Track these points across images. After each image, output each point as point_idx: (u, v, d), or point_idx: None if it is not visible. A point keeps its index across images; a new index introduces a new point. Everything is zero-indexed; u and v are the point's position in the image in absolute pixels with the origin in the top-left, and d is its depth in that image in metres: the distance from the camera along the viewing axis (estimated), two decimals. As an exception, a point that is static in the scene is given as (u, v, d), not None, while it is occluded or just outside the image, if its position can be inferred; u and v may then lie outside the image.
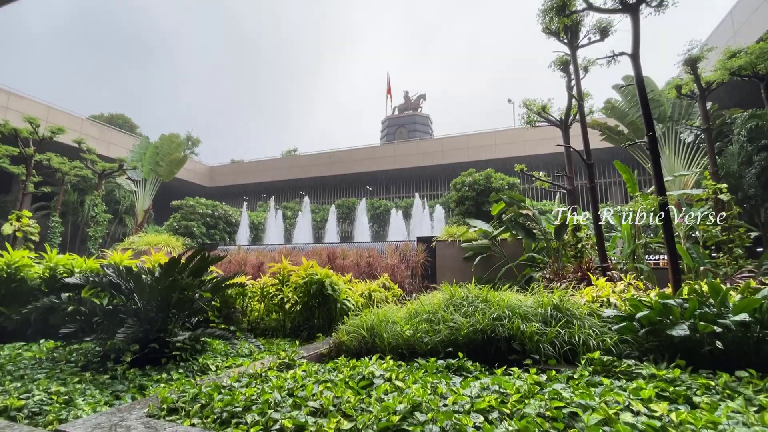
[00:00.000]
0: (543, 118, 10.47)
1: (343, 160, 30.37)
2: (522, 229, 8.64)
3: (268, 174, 32.68)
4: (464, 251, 9.57)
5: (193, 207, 21.00)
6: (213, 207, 21.80)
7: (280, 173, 32.34)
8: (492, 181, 15.35)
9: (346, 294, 5.92)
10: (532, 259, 8.37)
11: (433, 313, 4.28)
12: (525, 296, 4.52)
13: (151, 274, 4.13)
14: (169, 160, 20.82)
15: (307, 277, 5.81)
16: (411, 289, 9.55)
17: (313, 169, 31.14)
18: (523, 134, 24.16)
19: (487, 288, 4.59)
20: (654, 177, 5.36)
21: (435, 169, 28.44)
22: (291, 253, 10.79)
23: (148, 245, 10.89)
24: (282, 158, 36.50)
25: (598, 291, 4.98)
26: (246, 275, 6.56)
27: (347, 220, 28.08)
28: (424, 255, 10.21)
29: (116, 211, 24.16)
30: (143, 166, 20.80)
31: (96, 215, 20.94)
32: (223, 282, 4.54)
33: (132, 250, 8.70)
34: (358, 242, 13.45)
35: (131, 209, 24.06)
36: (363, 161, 29.70)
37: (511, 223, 8.75)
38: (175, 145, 21.31)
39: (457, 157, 26.73)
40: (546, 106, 10.42)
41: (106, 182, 23.35)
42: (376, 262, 9.89)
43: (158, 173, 20.82)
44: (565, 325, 3.90)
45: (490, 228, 9.37)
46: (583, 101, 7.98)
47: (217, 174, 34.59)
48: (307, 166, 31.53)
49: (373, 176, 30.61)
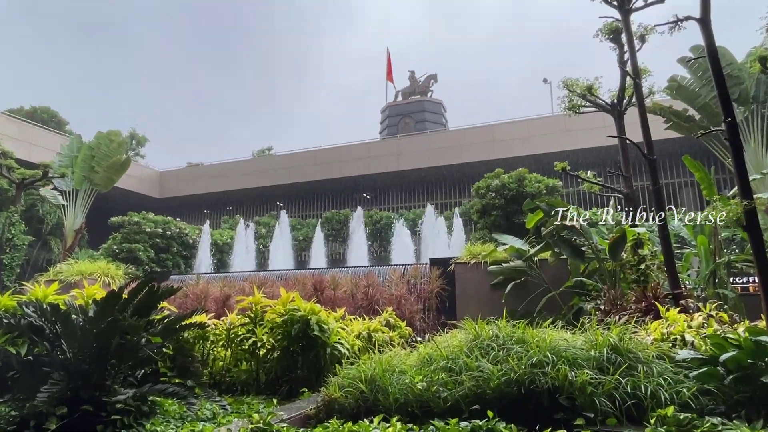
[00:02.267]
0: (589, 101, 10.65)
1: (331, 160, 30.52)
2: (567, 247, 8.68)
3: (236, 180, 32.91)
4: (492, 276, 9.62)
5: (138, 225, 21.09)
6: (164, 224, 21.84)
7: (251, 179, 32.54)
8: (526, 184, 15.55)
9: (339, 335, 5.90)
10: (581, 286, 8.43)
11: (453, 359, 4.26)
12: (573, 335, 4.50)
13: (84, 313, 4.12)
14: (108, 164, 20.99)
15: (287, 314, 5.80)
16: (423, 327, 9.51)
17: (294, 172, 31.33)
18: (565, 123, 24.29)
19: (523, 324, 4.58)
20: (736, 175, 5.37)
21: (451, 170, 28.56)
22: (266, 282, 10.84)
23: (81, 275, 10.87)
24: (253, 160, 36.77)
25: (669, 326, 4.96)
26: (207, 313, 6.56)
27: (338, 238, 28.06)
28: (440, 282, 10.23)
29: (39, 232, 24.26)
30: (74, 173, 20.95)
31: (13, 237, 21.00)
32: (178, 322, 4.53)
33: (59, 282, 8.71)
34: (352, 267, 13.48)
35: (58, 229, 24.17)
36: (357, 161, 29.87)
37: (553, 239, 8.79)
38: (116, 146, 21.51)
39: (479, 154, 26.85)
40: (593, 87, 10.53)
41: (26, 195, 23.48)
42: (377, 293, 9.89)
43: (94, 182, 20.96)
44: (627, 372, 3.87)
45: (525, 246, 9.43)
46: (640, 79, 8.08)
47: (170, 181, 34.78)
48: (285, 168, 31.75)
49: (371, 180, 30.74)
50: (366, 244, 24.55)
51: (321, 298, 9.87)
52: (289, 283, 10.55)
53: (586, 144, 24.08)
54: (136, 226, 21.12)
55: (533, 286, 9.14)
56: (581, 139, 24.17)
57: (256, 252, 25.79)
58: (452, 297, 10.14)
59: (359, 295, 10.10)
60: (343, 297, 10.06)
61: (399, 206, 30.68)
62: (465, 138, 27.82)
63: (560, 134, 24.87)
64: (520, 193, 15.30)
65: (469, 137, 27.76)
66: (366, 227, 25.72)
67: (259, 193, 33.44)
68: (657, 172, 7.42)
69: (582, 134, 24.02)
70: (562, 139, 24.73)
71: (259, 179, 32.23)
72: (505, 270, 9.37)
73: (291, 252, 26.06)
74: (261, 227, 28.39)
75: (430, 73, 39.11)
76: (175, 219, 23.81)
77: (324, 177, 30.51)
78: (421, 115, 36.46)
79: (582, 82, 10.76)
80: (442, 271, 10.37)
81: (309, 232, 27.61)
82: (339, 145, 31.75)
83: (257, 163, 34.86)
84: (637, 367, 3.90)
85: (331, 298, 10.03)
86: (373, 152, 30.03)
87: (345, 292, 10.26)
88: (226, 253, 24.72)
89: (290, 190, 32.67)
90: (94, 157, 21.14)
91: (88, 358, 3.91)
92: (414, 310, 9.62)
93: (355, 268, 12.36)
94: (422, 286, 10.43)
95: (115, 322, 3.84)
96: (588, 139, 23.90)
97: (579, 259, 8.57)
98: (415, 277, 10.75)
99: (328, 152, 31.38)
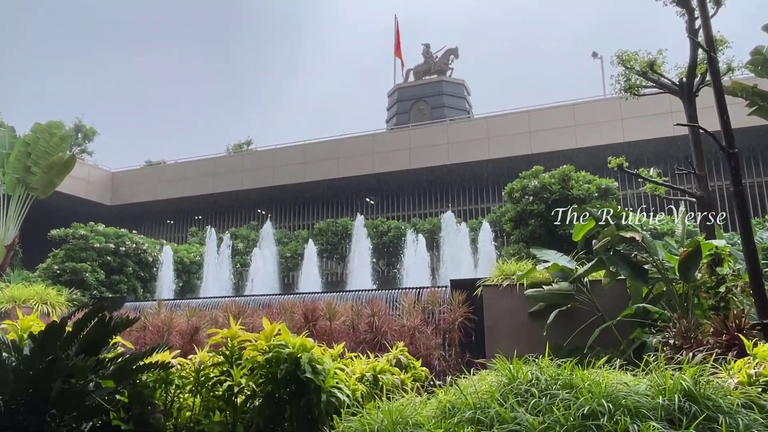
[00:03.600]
0: (651, 81, 10.65)
1: (326, 156, 30.71)
2: (625, 265, 8.63)
3: (207, 182, 33.20)
4: (530, 302, 9.63)
5: (85, 239, 21.18)
6: (118, 238, 21.90)
7: (226, 180, 32.81)
8: (572, 185, 15.53)
9: (336, 378, 5.89)
10: (645, 314, 8.39)
11: (483, 408, 4.23)
12: (635, 377, 4.47)
13: (18, 351, 4.15)
14: (48, 163, 21.13)
15: (272, 351, 5.79)
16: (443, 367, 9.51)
17: (280, 172, 31.57)
18: (620, 108, 24.24)
19: (571, 364, 4.55)
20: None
21: (477, 169, 28.62)
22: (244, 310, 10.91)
23: (13, 303, 10.97)
24: (228, 157, 37.03)
25: (759, 366, 4.91)
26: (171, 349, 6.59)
27: (335, 254, 28.11)
28: (464, 310, 10.26)
29: (-39, 249, 24.44)
30: (5, 175, 21.12)
31: (-72, 256, 21.19)
32: (135, 362, 4.54)
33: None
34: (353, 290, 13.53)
35: (-15, 245, 24.33)
36: (359, 158, 30.04)
37: (607, 255, 8.75)
38: (57, 140, 21.67)
39: (512, 148, 26.93)
40: (656, 62, 10.63)
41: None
42: (385, 324, 9.93)
43: (30, 185, 21.10)
44: (705, 424, 3.83)
45: (572, 263, 9.37)
46: (715, 52, 8.02)
47: (125, 184, 35.10)
48: (268, 168, 31.99)
49: (376, 182, 30.93)
50: (370, 261, 24.59)
51: (314, 330, 9.90)
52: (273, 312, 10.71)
53: (648, 134, 24.15)
54: (82, 241, 21.25)
55: (583, 314, 9.11)
56: (641, 128, 24.22)
57: (232, 272, 25.86)
58: (480, 329, 10.14)
59: (362, 326, 10.09)
60: (342, 329, 10.08)
61: (411, 214, 30.83)
62: (494, 128, 27.97)
63: (614, 122, 24.93)
64: (564, 197, 15.26)
65: (499, 127, 27.92)
66: (370, 240, 25.70)
67: (236, 198, 33.69)
68: (739, 169, 7.36)
69: (642, 122, 24.06)
70: (617, 129, 24.77)
71: (236, 181, 32.53)
72: (547, 294, 9.35)
73: (276, 272, 26.11)
74: (238, 241, 28.45)
75: (450, 47, 39.32)
76: (131, 231, 23.90)
77: (317, 178, 30.75)
78: (438, 99, 36.57)
79: (642, 56, 10.83)
80: (466, 296, 10.40)
81: (298, 247, 27.63)
82: (336, 138, 31.96)
83: (233, 160, 35.08)
84: (718, 419, 3.85)
85: (327, 331, 10.06)
86: (378, 146, 30.24)
87: (344, 322, 10.28)
88: (194, 274, 24.75)
89: (275, 194, 32.87)
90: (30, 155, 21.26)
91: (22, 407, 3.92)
92: (431, 346, 9.63)
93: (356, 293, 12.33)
94: (442, 314, 10.46)
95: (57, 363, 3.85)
96: (650, 128, 23.95)
97: (641, 281, 8.55)
98: (433, 303, 10.71)
99: (322, 147, 31.58)
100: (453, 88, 37.55)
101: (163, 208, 35.25)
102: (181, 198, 33.95)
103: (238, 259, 27.29)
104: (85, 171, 33.65)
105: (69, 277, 19.63)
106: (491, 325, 10.00)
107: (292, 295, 13.98)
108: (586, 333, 8.75)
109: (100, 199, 34.07)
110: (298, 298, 11.83)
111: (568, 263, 9.39)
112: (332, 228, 28.03)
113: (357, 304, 10.66)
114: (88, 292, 19.22)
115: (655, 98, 19.22)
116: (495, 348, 8.87)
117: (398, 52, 40.22)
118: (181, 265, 24.27)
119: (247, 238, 29.05)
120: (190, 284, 24.46)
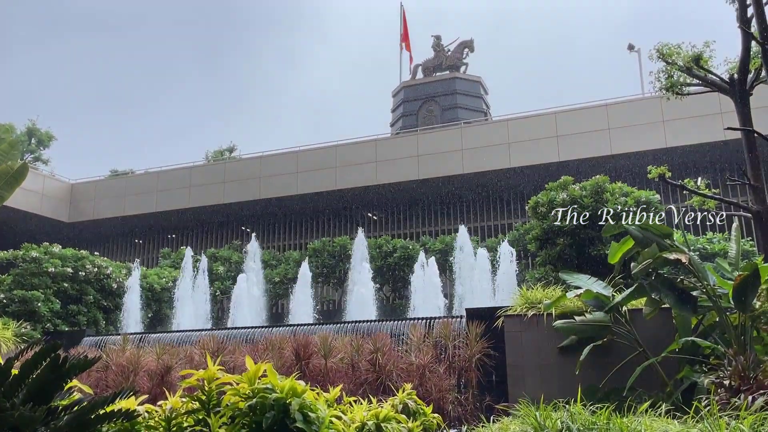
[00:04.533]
0: (697, 77, 10.69)
1: (321, 164, 30.70)
2: (670, 291, 8.69)
3: (182, 195, 33.14)
4: (559, 336, 9.61)
5: (37, 262, 20.99)
6: (76, 261, 21.71)
7: (204, 193, 32.76)
8: (606, 198, 15.40)
9: (333, 428, 5.87)
10: (694, 349, 8.50)
11: (505, 463, 4.22)
12: (683, 425, 4.43)
13: (-45, 397, 4.04)
14: (-5, 174, 21.24)
15: (257, 395, 5.76)
16: (459, 413, 9.49)
17: (268, 183, 31.51)
18: (661, 109, 24.20)
19: (608, 410, 4.52)
20: None
21: (496, 179, 28.65)
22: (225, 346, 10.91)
23: (-48, 339, 10.90)
24: (207, 165, 36.95)
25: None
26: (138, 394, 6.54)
27: (331, 279, 27.96)
28: (483, 345, 10.27)
29: None
30: (-54, 189, 21.20)
31: None
32: (94, 411, 4.49)
33: None
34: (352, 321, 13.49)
35: None
36: (360, 167, 30.09)
37: (649, 280, 8.79)
38: (6, 146, 21.61)
39: (536, 155, 26.85)
40: (702, 56, 10.64)
41: None
42: (389, 361, 9.96)
43: (-26, 200, 21.20)
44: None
45: (608, 290, 9.41)
46: (772, 44, 8.11)
47: (86, 197, 34.98)
48: (254, 178, 31.95)
49: (380, 194, 30.93)
50: (372, 287, 24.30)
51: (306, 369, 9.92)
52: (259, 349, 10.71)
53: (694, 139, 24.02)
54: (33, 265, 21.08)
55: (621, 350, 9.11)
56: (686, 131, 24.11)
57: (210, 301, 25.59)
58: (501, 367, 10.16)
59: (363, 364, 10.13)
60: (340, 368, 10.12)
61: (420, 232, 30.80)
62: (516, 132, 27.92)
63: (655, 125, 24.79)
64: (598, 212, 15.09)
65: (521, 130, 27.85)
66: (372, 263, 25.54)
67: (217, 213, 33.65)
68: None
69: (687, 125, 23.95)
70: (658, 133, 24.67)
71: (217, 193, 32.47)
72: (579, 326, 9.40)
73: (262, 300, 25.85)
74: (218, 264, 28.26)
75: (464, 39, 39.47)
76: (93, 253, 23.76)
77: (311, 190, 30.67)
78: (450, 98, 36.63)
79: (686, 49, 10.88)
80: (485, 328, 10.42)
81: (289, 271, 27.45)
82: (332, 144, 32.01)
83: (213, 170, 35.01)
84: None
85: (322, 371, 10.09)
86: (382, 153, 30.23)
87: (342, 360, 10.31)
88: (166, 303, 24.51)
89: (262, 208, 32.87)
90: (-26, 165, 21.41)
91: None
92: (444, 388, 9.63)
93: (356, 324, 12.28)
94: (456, 350, 10.46)
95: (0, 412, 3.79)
96: (696, 131, 23.84)
97: (689, 310, 8.52)
98: (446, 336, 10.70)
99: (317, 154, 31.60)
100: (468, 85, 37.51)
101: (131, 225, 35.12)
102: (152, 213, 33.72)
103: (217, 285, 26.99)
104: (40, 182, 33.51)
105: (17, 308, 19.38)
106: (514, 362, 10.01)
107: (281, 327, 13.80)
108: (625, 372, 8.67)
109: (56, 215, 33.90)
110: (288, 331, 11.86)
111: (604, 290, 9.39)
112: (328, 248, 27.79)
113: (357, 338, 10.68)
114: (40, 325, 18.93)
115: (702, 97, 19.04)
116: (519, 390, 9.07)
117: (406, 43, 40.28)
118: (150, 292, 23.99)
119: (229, 260, 28.81)
120: (160, 315, 24.22)
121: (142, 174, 36.40)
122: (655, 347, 8.80)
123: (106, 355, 10.63)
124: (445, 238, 27.05)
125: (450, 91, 36.72)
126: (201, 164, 37.09)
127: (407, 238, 29.09)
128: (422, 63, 39.44)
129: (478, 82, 38.14)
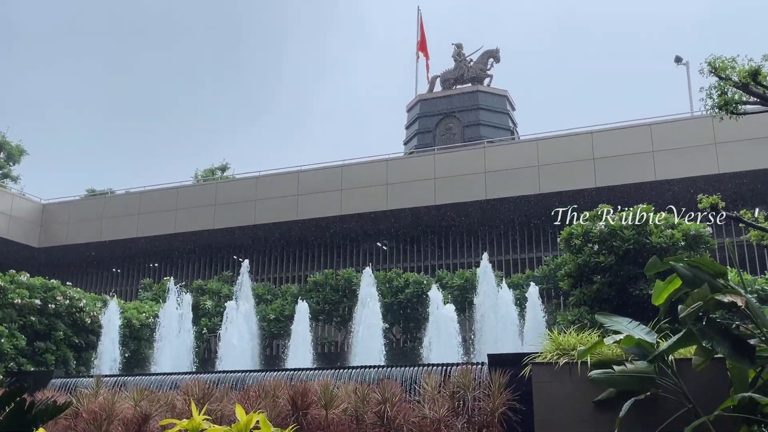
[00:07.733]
0: (755, 95, 10.53)
1: (324, 187, 30.83)
2: (724, 338, 8.53)
3: (166, 220, 33.09)
4: (595, 388, 9.58)
5: (2, 292, 20.68)
6: (46, 292, 21.51)
7: (191, 217, 32.77)
8: (650, 230, 15.37)
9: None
10: (752, 406, 8.38)
11: None
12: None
13: None
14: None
15: (248, 451, 5.51)
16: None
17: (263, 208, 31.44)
18: (713, 129, 24.07)
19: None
20: None
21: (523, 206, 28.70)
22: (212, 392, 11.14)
23: None
24: (195, 186, 37.72)
25: None
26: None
27: (334, 317, 28.08)
28: (507, 396, 10.37)
29: None
30: None
31: None
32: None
33: None
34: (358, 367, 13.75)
35: None
36: (368, 190, 30.16)
37: (699, 325, 8.67)
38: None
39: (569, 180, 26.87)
40: (760, 71, 10.40)
41: None
42: (400, 414, 10.06)
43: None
44: None
45: (652, 336, 9.29)
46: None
47: (59, 220, 35.24)
48: (248, 201, 31.97)
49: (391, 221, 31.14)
50: (381, 326, 23.75)
51: (304, 421, 10.06)
52: (250, 396, 10.70)
53: (750, 164, 24.07)
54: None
55: (667, 405, 9.05)
56: (742, 155, 24.21)
57: (196, 339, 25.41)
58: (528, 423, 10.13)
59: (369, 417, 10.14)
60: (342, 420, 10.09)
61: (436, 264, 30.72)
62: (546, 153, 27.93)
63: (706, 148, 24.88)
64: (640, 246, 15.31)
65: (552, 152, 27.92)
66: (381, 299, 25.16)
67: (205, 240, 33.81)
68: None
69: (743, 148, 24.01)
70: (710, 157, 24.71)
71: (206, 218, 32.47)
72: (619, 378, 9.23)
73: (256, 340, 25.49)
74: (206, 298, 28.19)
75: (488, 48, 39.61)
76: (65, 283, 23.67)
77: (313, 215, 30.61)
78: (472, 114, 36.68)
79: (742, 63, 10.72)
80: (510, 378, 10.53)
81: (286, 307, 27.32)
82: (338, 164, 32.28)
83: (203, 191, 35.24)
84: None
85: (322, 423, 10.07)
86: (393, 175, 30.25)
87: (345, 411, 10.26)
88: (146, 341, 24.37)
89: (257, 235, 33.05)
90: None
91: None
92: (464, 446, 9.52)
93: (362, 370, 12.64)
94: (477, 402, 10.55)
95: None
96: (753, 156, 23.95)
97: (746, 361, 8.42)
98: (465, 386, 10.73)
99: (319, 175, 31.93)
100: (492, 100, 37.71)
101: (109, 252, 34.96)
102: (133, 239, 33.47)
103: (204, 321, 26.74)
104: (8, 202, 33.58)
105: (-22, 345, 19.27)
106: (543, 418, 9.98)
107: (275, 371, 13.94)
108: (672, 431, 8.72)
109: (25, 240, 33.83)
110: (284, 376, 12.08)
111: (647, 335, 9.25)
112: (331, 282, 27.59)
113: (363, 386, 10.73)
114: (3, 364, 18.69)
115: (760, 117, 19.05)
116: (550, 450, 9.23)
117: (423, 51, 39.98)
118: (128, 328, 23.63)
119: (218, 293, 28.57)
120: (139, 355, 23.96)
121: (123, 194, 37.06)
122: (707, 403, 8.67)
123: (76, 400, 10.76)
124: (464, 273, 26.68)
125: (472, 106, 37.06)
126: (189, 184, 37.74)
127: (421, 272, 28.83)
128: (441, 74, 39.72)
129: (504, 96, 38.51)
